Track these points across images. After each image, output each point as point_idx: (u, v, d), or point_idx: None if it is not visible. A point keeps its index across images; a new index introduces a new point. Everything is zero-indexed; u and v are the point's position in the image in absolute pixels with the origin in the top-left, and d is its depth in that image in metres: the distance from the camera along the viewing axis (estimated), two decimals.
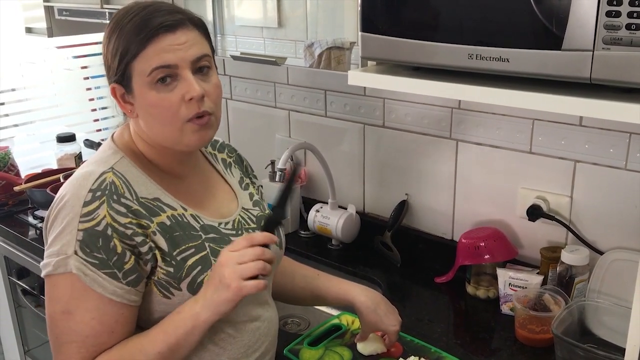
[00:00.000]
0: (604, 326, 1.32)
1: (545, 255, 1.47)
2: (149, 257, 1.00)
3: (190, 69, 1.00)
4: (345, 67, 1.84)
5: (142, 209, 1.01)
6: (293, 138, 2.02)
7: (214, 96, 1.04)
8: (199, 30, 1.03)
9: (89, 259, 0.96)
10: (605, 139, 1.37)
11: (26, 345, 2.24)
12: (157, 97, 0.99)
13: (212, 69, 1.05)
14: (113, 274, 0.97)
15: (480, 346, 1.37)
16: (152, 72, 0.98)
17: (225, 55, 2.15)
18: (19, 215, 2.13)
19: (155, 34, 0.97)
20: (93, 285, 0.96)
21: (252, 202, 1.22)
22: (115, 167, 1.03)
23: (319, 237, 1.91)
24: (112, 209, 0.97)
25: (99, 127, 2.78)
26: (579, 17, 0.93)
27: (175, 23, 0.99)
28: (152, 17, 0.98)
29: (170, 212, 1.05)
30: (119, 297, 0.98)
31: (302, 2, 1.91)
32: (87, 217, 0.96)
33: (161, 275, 1.01)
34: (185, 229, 1.05)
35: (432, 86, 1.16)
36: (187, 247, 1.03)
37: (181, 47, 0.99)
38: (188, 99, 0.99)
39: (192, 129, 1.02)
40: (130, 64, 0.99)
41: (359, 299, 1.24)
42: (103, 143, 1.11)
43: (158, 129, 1.04)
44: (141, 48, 0.97)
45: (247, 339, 1.11)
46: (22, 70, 2.52)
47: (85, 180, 1.00)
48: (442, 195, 1.70)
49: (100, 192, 0.98)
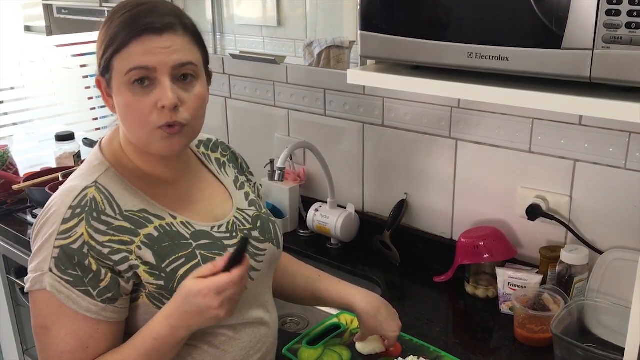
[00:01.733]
0: (603, 326, 1.32)
1: (545, 254, 1.47)
2: (129, 274, 0.99)
3: (169, 75, 0.97)
4: (344, 66, 1.84)
5: (127, 222, 1.00)
6: (292, 137, 2.01)
7: (192, 107, 1.00)
8: (190, 37, 1.00)
9: (63, 276, 0.95)
10: (605, 139, 1.37)
11: (25, 345, 2.23)
12: (131, 98, 0.97)
13: (199, 79, 1.02)
14: (87, 292, 0.96)
15: (479, 346, 1.37)
16: (129, 72, 0.96)
17: (225, 54, 2.15)
18: (18, 214, 2.13)
19: (140, 33, 0.95)
20: (67, 302, 0.96)
21: (248, 201, 1.20)
22: (99, 181, 1.02)
23: (318, 236, 1.91)
24: (90, 227, 0.96)
25: (98, 126, 2.77)
26: (579, 16, 0.93)
27: (163, 26, 0.96)
28: (143, 15, 0.96)
29: (158, 223, 1.03)
30: (94, 313, 0.97)
31: (301, 1, 1.90)
32: (64, 235, 0.96)
33: (152, 289, 1.00)
34: (175, 239, 1.03)
35: (432, 85, 1.16)
36: (177, 257, 1.02)
37: (164, 51, 0.96)
38: (160, 106, 0.97)
39: (161, 135, 0.99)
40: (112, 58, 0.97)
41: (359, 305, 1.23)
42: (91, 151, 1.10)
43: (130, 129, 1.02)
44: (124, 44, 0.95)
45: (248, 341, 1.11)
46: (21, 68, 2.51)
47: (67, 197, 0.99)
48: (442, 194, 1.69)
49: (80, 209, 0.97)
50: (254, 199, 1.22)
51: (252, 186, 1.27)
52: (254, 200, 1.21)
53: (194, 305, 0.94)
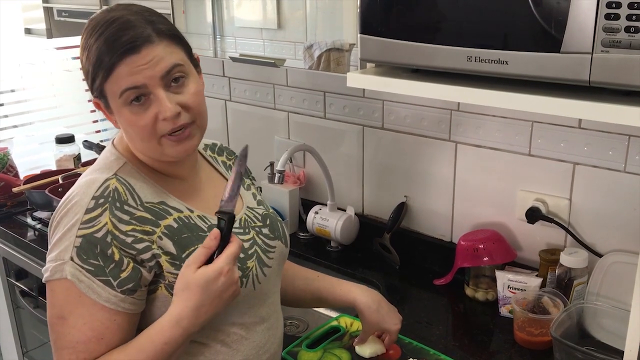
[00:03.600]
0: (603, 329, 1.32)
1: (544, 257, 1.47)
2: (152, 264, 1.00)
3: (161, 85, 0.98)
4: (344, 68, 1.83)
5: (148, 214, 1.01)
6: (292, 140, 2.02)
7: (193, 105, 1.01)
8: (167, 40, 0.99)
9: (84, 265, 0.96)
10: (605, 142, 1.37)
11: (25, 347, 2.23)
12: (132, 117, 0.99)
13: (189, 75, 1.02)
14: (108, 282, 0.97)
15: (479, 349, 1.37)
16: (123, 93, 0.97)
17: (225, 57, 2.15)
18: (18, 217, 2.13)
19: (120, 57, 0.95)
20: (87, 292, 0.96)
21: (256, 201, 1.23)
22: (119, 173, 1.03)
23: (317, 238, 1.91)
24: (114, 217, 0.98)
25: (98, 129, 2.78)
26: (578, 20, 0.93)
27: (138, 43, 0.95)
28: (117, 37, 0.95)
29: (177, 215, 1.05)
30: (113, 304, 0.97)
31: (301, 4, 1.90)
32: (88, 224, 0.97)
33: (172, 279, 1.01)
34: (193, 230, 1.05)
35: (431, 88, 1.16)
36: (196, 248, 1.02)
37: (147, 66, 0.96)
38: (162, 119, 0.98)
39: (170, 143, 1.01)
40: (104, 84, 0.98)
41: (360, 299, 1.25)
42: (104, 149, 1.11)
43: (139, 145, 1.04)
44: (109, 72, 0.96)
45: (259, 340, 1.12)
46: (21, 71, 2.52)
47: (89, 187, 1.00)
48: (441, 197, 1.69)
49: (103, 200, 0.98)
50: (262, 200, 1.25)
51: (256, 189, 1.29)
52: (261, 201, 1.25)
53: (214, 291, 0.96)
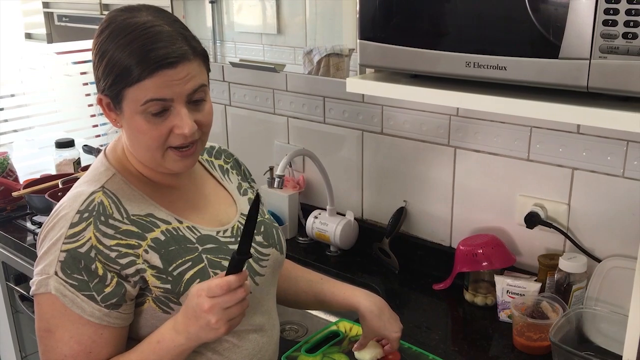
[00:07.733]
0: (602, 334, 1.32)
1: (543, 262, 1.47)
2: (136, 279, 0.99)
3: (185, 101, 0.98)
4: (344, 74, 1.84)
5: (134, 226, 1.01)
6: (292, 144, 2.02)
7: (205, 124, 1.03)
8: (200, 60, 1.00)
9: (68, 280, 0.96)
10: (603, 147, 1.38)
11: (23, 352, 2.23)
12: (146, 126, 0.98)
13: (206, 96, 1.03)
14: (91, 297, 0.96)
15: (478, 353, 1.37)
16: (146, 103, 0.95)
17: (225, 61, 2.15)
18: (17, 221, 2.13)
19: (154, 71, 0.93)
20: (71, 306, 0.96)
21: None
22: (107, 186, 1.03)
23: (317, 243, 1.91)
24: (98, 231, 0.97)
25: (98, 133, 2.79)
26: (576, 26, 0.93)
27: (177, 59, 0.95)
28: (155, 47, 0.94)
29: (165, 227, 1.04)
30: (97, 318, 0.97)
31: (301, 9, 1.91)
32: (72, 239, 0.96)
33: (158, 292, 1.01)
34: (181, 243, 1.04)
35: (430, 94, 1.16)
36: (183, 261, 1.02)
37: (179, 82, 0.96)
38: (178, 133, 0.98)
39: (174, 158, 1.01)
40: (124, 89, 0.96)
41: (363, 304, 1.24)
42: (96, 159, 1.11)
43: (141, 151, 1.03)
44: (140, 79, 0.94)
45: (251, 348, 1.11)
46: (21, 76, 2.52)
47: (75, 201, 1.00)
48: (441, 202, 1.70)
49: (87, 214, 0.98)
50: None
51: (253, 194, 1.27)
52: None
53: (190, 307, 0.96)
